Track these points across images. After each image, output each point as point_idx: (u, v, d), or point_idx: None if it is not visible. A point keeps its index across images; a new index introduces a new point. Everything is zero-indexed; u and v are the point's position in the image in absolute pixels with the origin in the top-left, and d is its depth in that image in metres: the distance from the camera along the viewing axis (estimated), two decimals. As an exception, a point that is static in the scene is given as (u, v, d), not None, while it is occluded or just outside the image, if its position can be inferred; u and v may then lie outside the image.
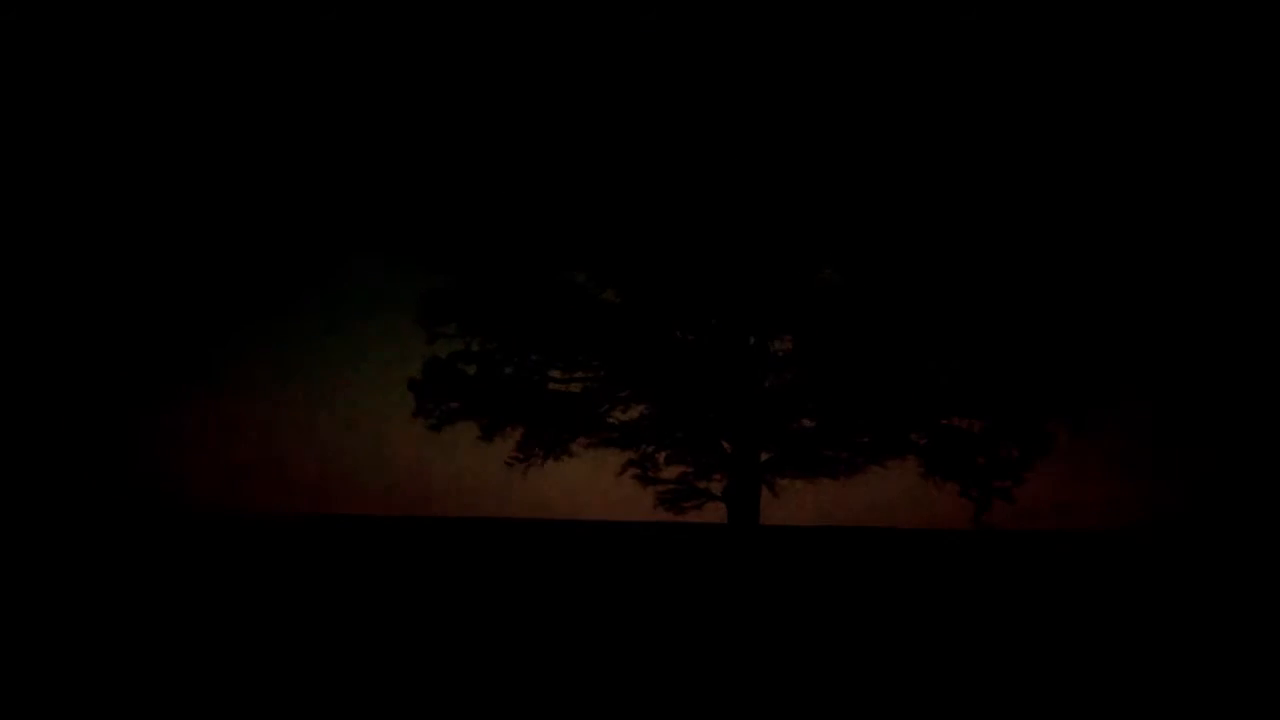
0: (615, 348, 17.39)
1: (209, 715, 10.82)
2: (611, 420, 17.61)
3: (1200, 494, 20.27)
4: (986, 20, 16.72)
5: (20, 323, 18.24)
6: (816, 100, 16.85)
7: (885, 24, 16.70)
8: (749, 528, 17.44)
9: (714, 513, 17.87)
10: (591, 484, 17.99)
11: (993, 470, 17.86)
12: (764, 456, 17.59)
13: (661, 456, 17.58)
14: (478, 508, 19.86)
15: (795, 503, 18.00)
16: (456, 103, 17.28)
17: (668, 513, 17.58)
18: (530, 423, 17.38)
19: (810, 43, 16.84)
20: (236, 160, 19.04)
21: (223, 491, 19.20)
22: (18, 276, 18.52)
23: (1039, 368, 17.58)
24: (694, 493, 17.54)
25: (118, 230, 19.11)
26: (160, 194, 19.17)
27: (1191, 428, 20.47)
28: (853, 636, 14.90)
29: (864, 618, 16.36)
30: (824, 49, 16.90)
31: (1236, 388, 19.44)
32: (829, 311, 17.46)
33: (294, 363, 20.59)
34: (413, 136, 17.51)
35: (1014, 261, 17.49)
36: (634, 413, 17.62)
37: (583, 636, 14.39)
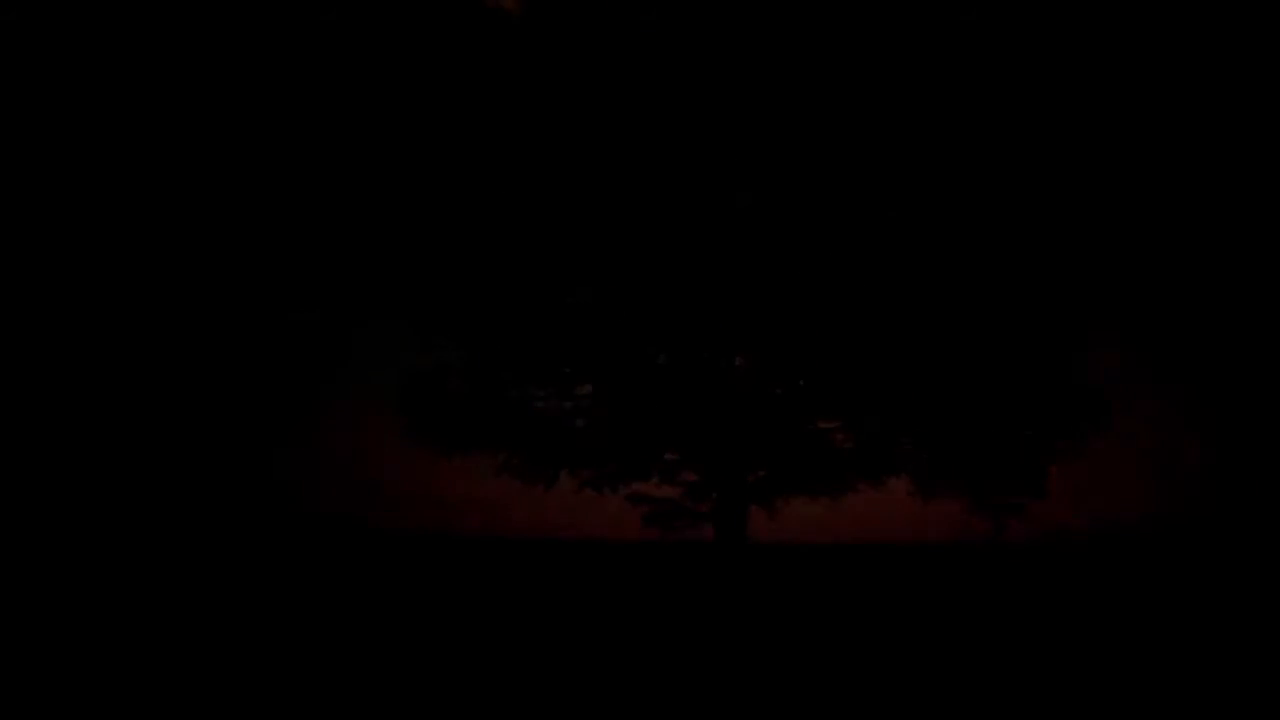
0: (601, 364, 17.16)
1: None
2: (596, 439, 17.26)
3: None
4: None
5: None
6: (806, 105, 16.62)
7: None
8: (734, 547, 17.07)
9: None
10: (575, 503, 17.76)
11: (1007, 485, 17.54)
12: (754, 476, 17.22)
13: (647, 476, 17.27)
14: (457, 525, 19.75)
15: (792, 518, 17.73)
16: (453, 113, 17.17)
17: (656, 533, 17.26)
18: (519, 445, 17.16)
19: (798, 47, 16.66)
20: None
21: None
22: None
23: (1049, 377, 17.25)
24: (682, 512, 17.17)
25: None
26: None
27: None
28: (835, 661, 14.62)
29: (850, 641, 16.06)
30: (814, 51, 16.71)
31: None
32: (826, 328, 17.17)
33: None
34: (401, 135, 17.37)
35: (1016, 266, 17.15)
36: (618, 431, 17.26)
37: (562, 664, 14.25)
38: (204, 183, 16.83)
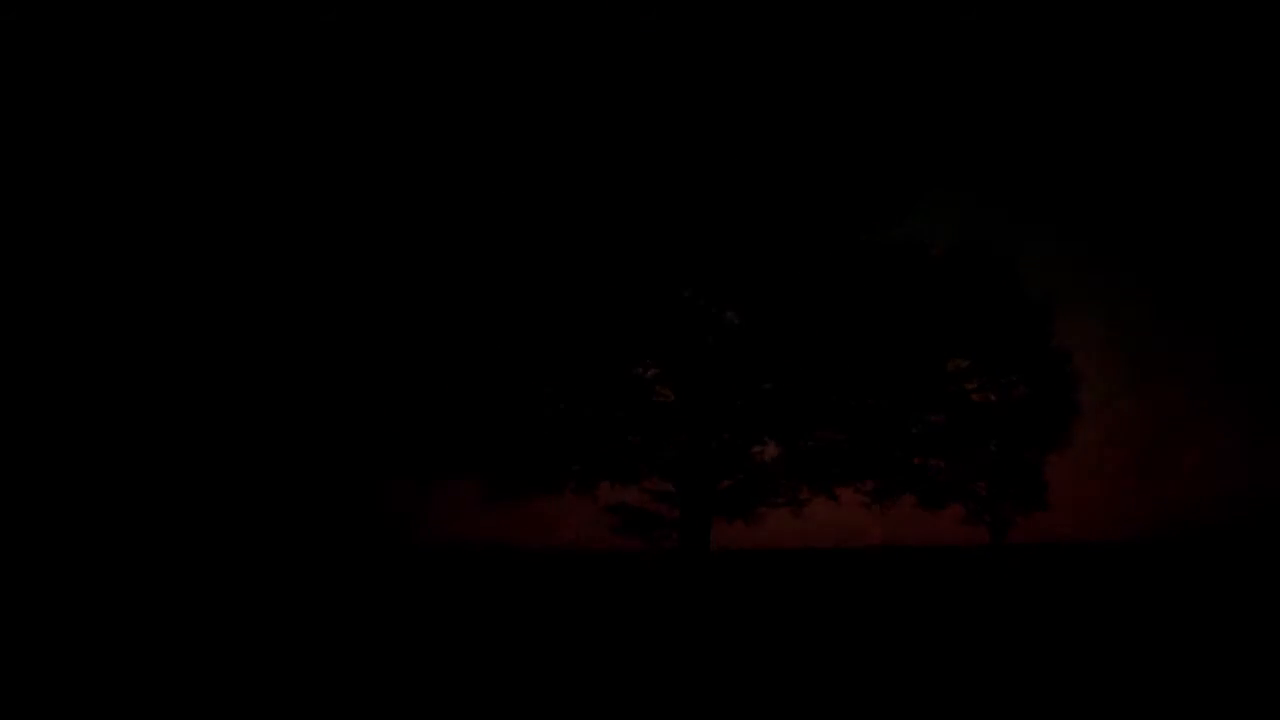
0: (574, 377, 17.27)
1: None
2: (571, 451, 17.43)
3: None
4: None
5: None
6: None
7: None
8: (698, 555, 17.11)
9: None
10: (556, 513, 17.92)
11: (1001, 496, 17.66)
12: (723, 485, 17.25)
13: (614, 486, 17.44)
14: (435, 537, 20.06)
15: (779, 525, 17.77)
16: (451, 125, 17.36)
17: (630, 541, 17.40)
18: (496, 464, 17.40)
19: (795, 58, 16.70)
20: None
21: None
22: None
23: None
24: (654, 521, 17.26)
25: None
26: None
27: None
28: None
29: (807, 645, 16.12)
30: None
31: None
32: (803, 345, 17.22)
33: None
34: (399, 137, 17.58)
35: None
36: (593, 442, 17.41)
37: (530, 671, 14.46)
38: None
